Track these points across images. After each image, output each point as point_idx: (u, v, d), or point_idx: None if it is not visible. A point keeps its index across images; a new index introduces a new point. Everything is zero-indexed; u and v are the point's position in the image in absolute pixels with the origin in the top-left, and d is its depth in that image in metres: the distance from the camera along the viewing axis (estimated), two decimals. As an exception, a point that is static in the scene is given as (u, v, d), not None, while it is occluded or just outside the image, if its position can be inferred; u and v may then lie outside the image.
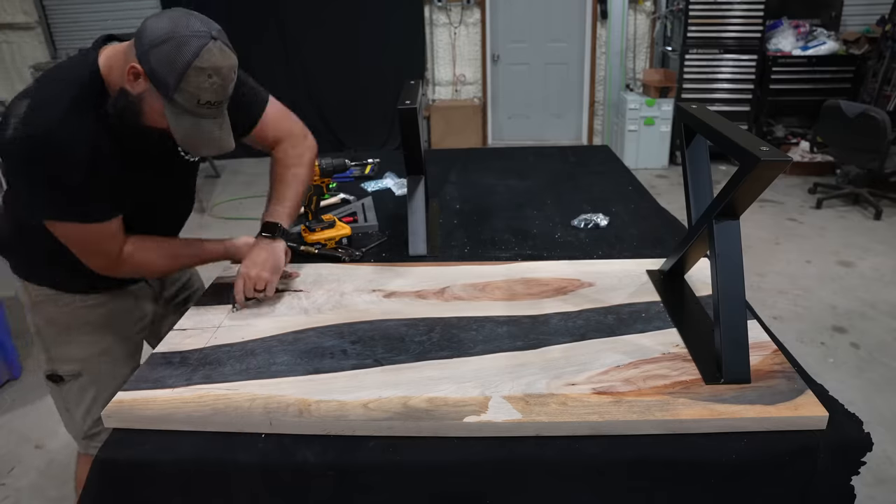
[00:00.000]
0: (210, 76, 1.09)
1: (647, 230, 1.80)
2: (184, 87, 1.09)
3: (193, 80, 1.08)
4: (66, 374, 1.45)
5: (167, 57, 1.06)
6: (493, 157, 2.69)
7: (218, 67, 1.10)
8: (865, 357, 2.82)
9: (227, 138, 1.21)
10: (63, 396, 1.47)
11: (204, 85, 1.09)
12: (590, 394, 1.06)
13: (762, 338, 1.21)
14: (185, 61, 1.06)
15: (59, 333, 1.43)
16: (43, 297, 1.41)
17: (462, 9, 6.14)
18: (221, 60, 1.10)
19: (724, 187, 1.08)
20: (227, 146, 1.22)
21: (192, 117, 1.13)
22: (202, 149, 1.20)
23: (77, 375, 1.45)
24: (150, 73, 1.08)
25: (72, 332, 1.43)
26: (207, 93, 1.11)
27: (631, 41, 6.11)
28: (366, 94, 6.27)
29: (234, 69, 1.15)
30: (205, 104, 1.12)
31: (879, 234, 4.19)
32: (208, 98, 1.11)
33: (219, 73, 1.10)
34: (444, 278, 1.48)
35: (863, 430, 1.00)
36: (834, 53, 5.39)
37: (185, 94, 1.09)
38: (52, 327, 1.42)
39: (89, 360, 1.45)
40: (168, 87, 1.08)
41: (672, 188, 5.21)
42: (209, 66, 1.08)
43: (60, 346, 1.44)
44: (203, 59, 1.07)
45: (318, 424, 1.02)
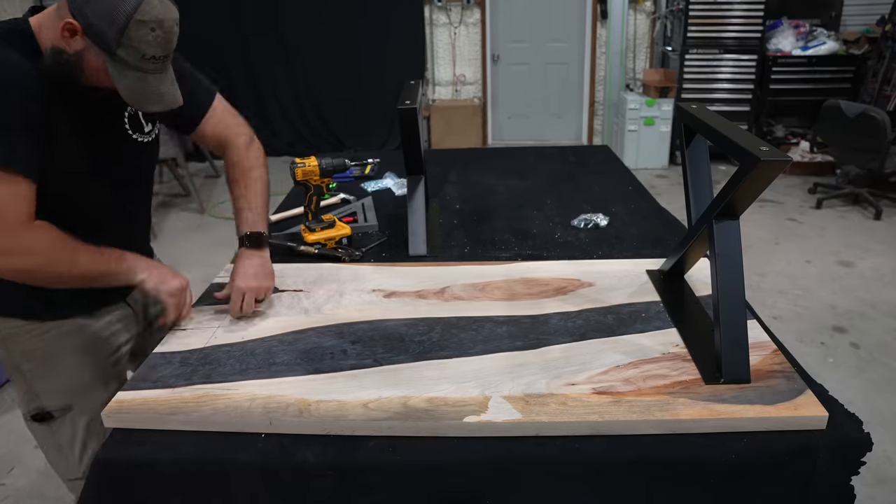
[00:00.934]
0: (153, 29, 1.05)
1: (647, 230, 1.80)
2: (126, 42, 1.03)
3: (136, 34, 1.03)
4: (55, 409, 1.33)
5: (105, 10, 1.01)
6: (493, 157, 2.69)
7: (160, 20, 1.05)
8: (865, 357, 2.82)
9: (174, 93, 1.16)
10: (54, 436, 1.35)
11: (147, 38, 1.04)
12: (590, 394, 1.06)
13: (762, 338, 1.21)
14: (126, 14, 1.02)
15: (39, 366, 1.30)
16: (14, 331, 1.26)
17: (462, 9, 6.14)
18: (163, 13, 1.06)
19: (724, 187, 1.08)
20: (174, 101, 1.16)
21: (137, 72, 1.08)
22: (150, 104, 1.14)
23: (67, 409, 1.33)
24: (88, 28, 1.03)
25: (54, 363, 1.30)
26: (151, 47, 1.06)
27: (631, 41, 6.12)
28: (366, 94, 6.27)
29: (176, 22, 1.10)
30: (150, 59, 1.07)
31: (879, 234, 4.19)
32: (153, 52, 1.07)
33: (161, 26, 1.06)
34: (444, 278, 1.48)
35: (863, 430, 1.00)
36: (834, 53, 5.39)
37: (127, 50, 1.04)
38: (30, 361, 1.29)
39: (77, 390, 1.33)
40: (109, 42, 1.03)
41: (672, 188, 5.21)
42: (151, 19, 1.04)
43: (43, 379, 1.31)
44: (143, 12, 1.03)
45: (317, 424, 1.02)
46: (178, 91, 1.17)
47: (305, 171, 1.63)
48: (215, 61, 6.11)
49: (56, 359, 1.30)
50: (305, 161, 1.64)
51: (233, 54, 6.15)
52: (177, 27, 1.10)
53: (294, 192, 2.17)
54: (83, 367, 1.33)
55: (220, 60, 6.12)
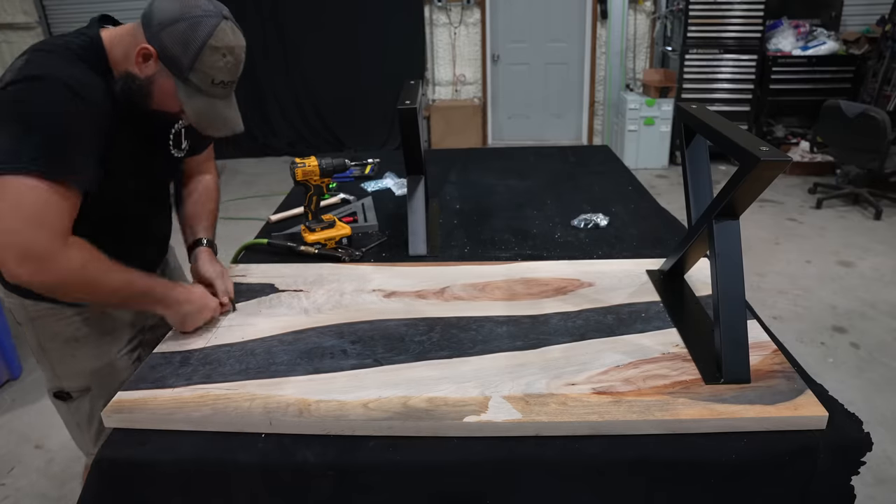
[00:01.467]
0: (224, 55, 1.10)
1: (647, 230, 1.80)
2: (198, 67, 1.09)
3: (208, 60, 1.08)
4: (75, 390, 1.38)
5: (181, 37, 1.06)
6: (493, 157, 2.69)
7: (231, 47, 1.11)
8: (865, 357, 2.82)
9: (237, 119, 1.21)
10: (73, 414, 1.41)
11: (218, 64, 1.10)
12: (590, 394, 1.06)
13: (762, 338, 1.21)
14: (200, 41, 1.06)
15: (63, 348, 1.35)
16: (43, 313, 1.32)
17: (462, 9, 6.14)
18: (234, 40, 1.11)
19: (724, 187, 1.08)
20: (237, 127, 1.21)
21: (206, 97, 1.13)
22: (215, 129, 1.19)
23: (86, 390, 1.38)
24: (162, 52, 1.07)
25: (77, 346, 1.35)
26: (221, 72, 1.11)
27: (631, 41, 6.12)
28: (366, 93, 6.27)
29: (244, 49, 1.15)
30: (218, 84, 1.12)
31: (879, 234, 4.19)
32: (222, 78, 1.12)
33: (232, 53, 1.11)
34: (444, 278, 1.48)
35: (863, 430, 1.00)
36: (834, 53, 5.39)
37: (199, 74, 1.09)
38: (55, 342, 1.34)
39: (97, 374, 1.38)
40: (182, 67, 1.08)
41: (672, 188, 5.21)
42: (223, 46, 1.09)
43: (66, 361, 1.36)
44: (217, 39, 1.08)
45: (318, 424, 1.02)
46: (239, 117, 1.22)
47: (305, 171, 1.63)
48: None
49: (78, 343, 1.35)
50: (305, 161, 1.63)
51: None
52: (244, 54, 1.16)
53: (294, 192, 2.17)
54: (103, 352, 1.38)
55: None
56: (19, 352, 2.87)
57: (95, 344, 1.37)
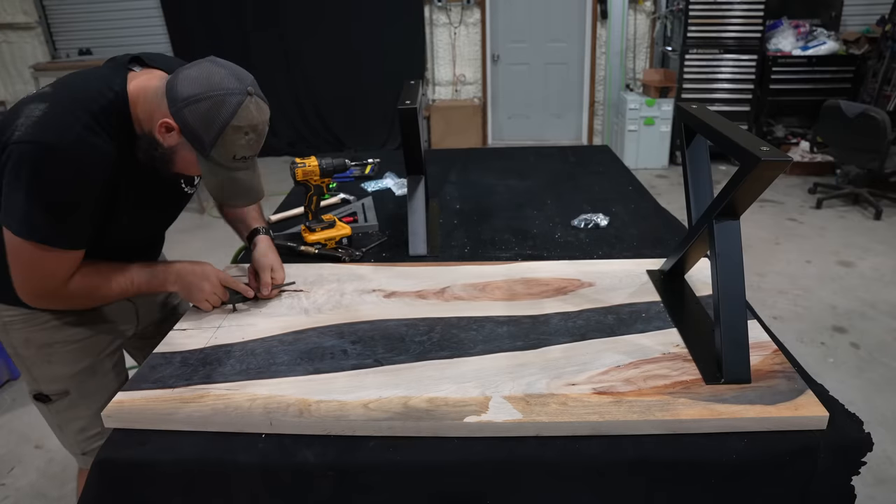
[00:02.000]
0: (247, 133, 1.10)
1: (647, 230, 1.80)
2: (220, 144, 1.09)
3: (230, 138, 1.09)
4: (53, 393, 1.37)
5: (204, 116, 1.06)
6: (493, 157, 2.69)
7: (255, 125, 1.10)
8: (865, 357, 2.82)
9: (258, 187, 1.22)
10: (53, 416, 1.40)
11: (241, 142, 1.10)
12: (590, 394, 1.06)
13: (762, 338, 1.21)
14: (223, 121, 1.06)
15: (38, 353, 1.34)
16: (15, 318, 1.30)
17: (462, 9, 6.14)
18: (258, 117, 1.11)
19: (724, 187, 1.08)
20: (259, 195, 1.23)
21: (227, 171, 1.14)
22: (237, 200, 1.20)
23: (64, 394, 1.37)
24: (185, 129, 1.08)
25: (51, 352, 1.33)
26: (244, 149, 1.12)
27: (631, 41, 6.11)
28: (366, 93, 6.27)
29: (268, 122, 1.14)
30: (240, 159, 1.13)
31: (879, 234, 4.19)
32: (244, 154, 1.13)
33: (255, 130, 1.11)
34: (444, 278, 1.48)
35: (863, 430, 1.00)
36: (834, 53, 5.39)
37: (220, 150, 1.10)
38: (30, 348, 1.33)
39: (74, 378, 1.37)
40: (204, 144, 1.09)
41: (672, 188, 5.21)
42: (247, 125, 1.09)
43: (42, 366, 1.35)
44: (241, 118, 1.08)
45: (318, 424, 1.02)
46: (261, 183, 1.23)
47: (305, 171, 1.63)
48: (215, 61, 6.13)
49: (52, 349, 1.34)
50: (305, 161, 1.63)
51: (233, 54, 6.05)
52: (267, 126, 1.15)
53: (294, 192, 2.17)
54: (80, 356, 1.37)
55: (220, 60, 6.13)
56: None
57: (71, 349, 1.35)
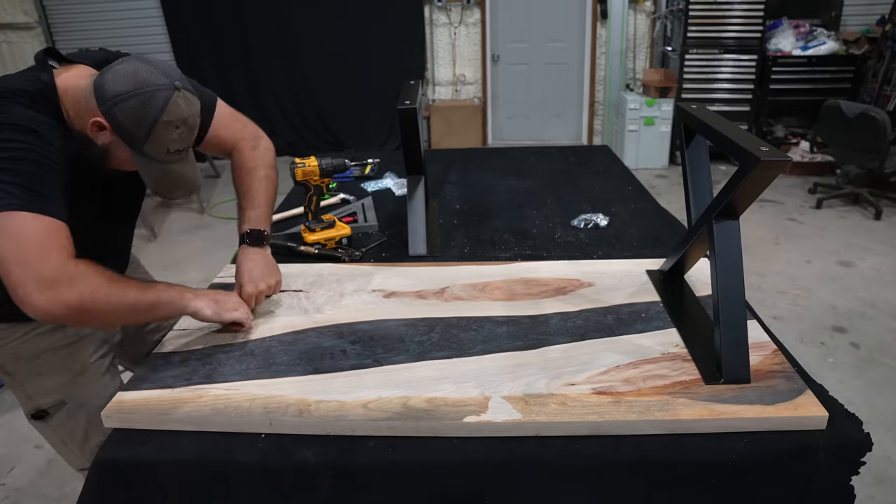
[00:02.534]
0: (178, 127, 1.10)
1: (647, 230, 1.80)
2: (152, 140, 1.09)
3: (162, 133, 1.09)
4: (49, 405, 1.35)
5: (133, 113, 1.06)
6: (492, 157, 2.69)
7: (184, 118, 1.11)
8: (865, 357, 2.82)
9: (195, 176, 1.23)
10: (55, 431, 1.39)
11: (172, 136, 1.10)
12: (589, 394, 1.06)
13: (762, 338, 1.21)
14: (153, 117, 1.07)
15: (28, 367, 1.32)
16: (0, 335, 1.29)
17: (462, 9, 6.14)
18: (187, 110, 1.11)
19: (724, 187, 1.08)
20: (195, 185, 1.23)
21: (162, 164, 1.14)
22: (173, 192, 1.20)
23: (61, 404, 1.36)
24: (117, 127, 1.08)
25: (40, 363, 1.32)
26: (176, 143, 1.12)
27: (631, 41, 6.11)
28: (365, 94, 6.27)
29: (198, 115, 1.15)
30: (173, 152, 1.13)
31: (879, 234, 4.19)
32: (177, 147, 1.13)
33: (185, 123, 1.11)
34: (444, 278, 1.48)
35: (863, 430, 1.00)
36: (834, 53, 5.39)
37: (153, 146, 1.10)
38: (18, 363, 1.32)
39: (67, 386, 1.35)
40: (136, 141, 1.09)
41: (672, 188, 5.21)
42: (176, 119, 1.09)
43: (34, 379, 1.34)
44: (170, 113, 1.08)
45: (317, 424, 1.02)
46: (197, 172, 1.24)
47: (305, 171, 1.63)
48: (215, 61, 6.13)
49: (40, 358, 1.32)
50: (305, 161, 1.64)
51: (233, 54, 6.15)
52: (198, 118, 1.16)
53: (294, 192, 2.17)
54: (67, 363, 1.35)
55: (220, 60, 6.13)
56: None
57: (59, 356, 1.34)
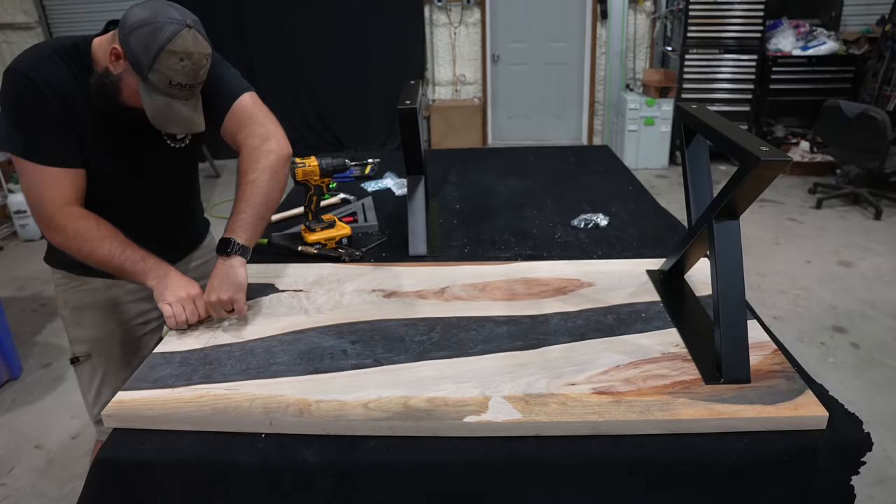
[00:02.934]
0: (182, 59, 1.17)
1: (647, 230, 1.80)
2: (157, 68, 1.17)
3: (166, 62, 1.16)
4: (80, 354, 1.53)
5: (144, 40, 1.15)
6: (492, 157, 2.69)
7: (189, 52, 1.18)
8: (865, 357, 2.82)
9: (197, 119, 1.28)
10: (79, 377, 1.56)
11: (175, 67, 1.17)
12: (589, 394, 1.06)
13: (762, 338, 1.21)
14: (159, 44, 1.15)
15: (72, 315, 1.51)
16: (61, 281, 1.50)
17: (462, 9, 6.14)
18: (193, 46, 1.18)
19: (724, 187, 1.08)
20: (196, 126, 1.28)
21: (165, 97, 1.21)
22: (171, 126, 1.26)
23: (87, 356, 1.52)
24: (128, 54, 1.17)
25: (82, 314, 1.50)
26: (179, 75, 1.18)
27: (631, 41, 6.12)
28: (366, 94, 6.27)
29: (206, 56, 1.23)
30: (176, 85, 1.20)
31: (879, 234, 4.19)
32: (179, 80, 1.19)
33: (190, 58, 1.18)
34: (444, 278, 1.48)
35: (863, 429, 1.00)
36: (834, 53, 5.39)
37: (157, 75, 1.18)
38: (67, 309, 1.50)
39: (97, 342, 1.52)
40: (142, 66, 1.17)
41: (672, 188, 5.21)
42: (181, 51, 1.17)
43: (74, 327, 1.52)
44: (176, 44, 1.16)
45: (318, 424, 1.02)
46: (201, 117, 1.29)
47: (305, 171, 1.63)
48: (215, 61, 6.13)
49: (82, 312, 1.51)
50: (305, 161, 1.64)
51: (232, 54, 6.12)
52: (206, 61, 1.24)
53: (294, 192, 2.17)
54: (103, 322, 1.52)
55: (220, 60, 6.13)
56: (19, 351, 2.88)
57: (97, 314, 1.51)
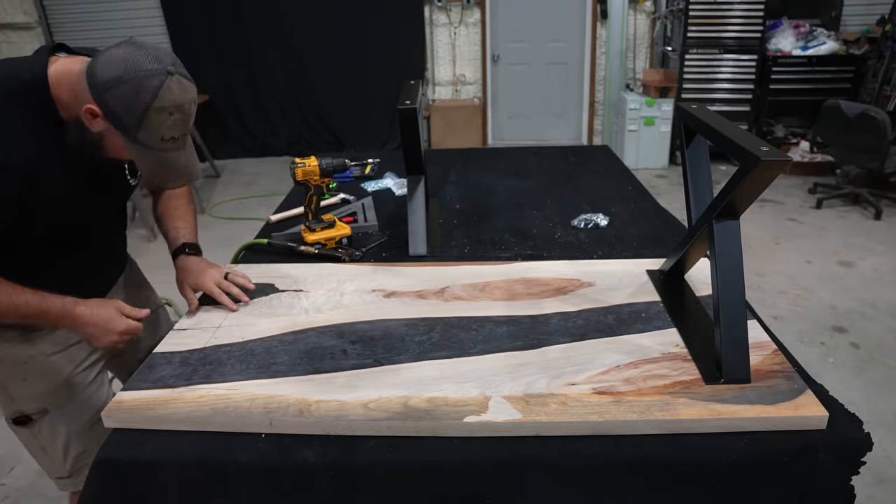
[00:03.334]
0: (171, 114, 1.06)
1: (647, 230, 1.80)
2: (145, 127, 1.06)
3: (155, 120, 1.05)
4: (33, 412, 1.34)
5: (124, 100, 1.03)
6: (492, 157, 2.69)
7: (179, 104, 1.07)
8: (865, 357, 2.82)
9: (193, 165, 1.19)
10: (35, 438, 1.37)
11: (166, 123, 1.07)
12: (590, 394, 1.06)
13: (762, 338, 1.21)
14: (145, 103, 1.03)
15: (12, 371, 1.31)
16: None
17: (462, 9, 6.14)
18: (181, 96, 1.07)
19: (724, 187, 1.08)
20: (195, 173, 1.20)
21: (157, 153, 1.11)
22: (171, 181, 1.19)
23: (44, 412, 1.35)
24: (109, 114, 1.05)
25: (26, 368, 1.31)
26: (170, 130, 1.08)
27: (631, 41, 6.11)
28: (366, 94, 6.27)
29: (194, 101, 1.12)
30: (168, 139, 1.09)
31: (879, 234, 4.19)
32: (172, 134, 1.09)
33: (180, 110, 1.08)
34: (444, 278, 1.48)
35: (863, 429, 1.00)
36: (834, 53, 5.39)
37: (147, 133, 1.07)
38: (4, 366, 1.30)
39: (53, 394, 1.34)
40: (128, 128, 1.06)
41: (672, 188, 5.21)
42: (170, 105, 1.05)
43: (18, 383, 1.32)
44: (163, 99, 1.04)
45: (318, 424, 1.02)
46: (196, 161, 1.21)
47: (305, 171, 1.63)
48: (215, 61, 6.13)
49: (27, 365, 1.31)
50: (305, 161, 1.63)
51: (233, 54, 6.15)
52: (194, 105, 1.12)
53: (294, 192, 2.17)
54: (54, 370, 1.34)
55: (220, 60, 6.13)
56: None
57: (46, 364, 1.33)
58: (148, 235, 4.38)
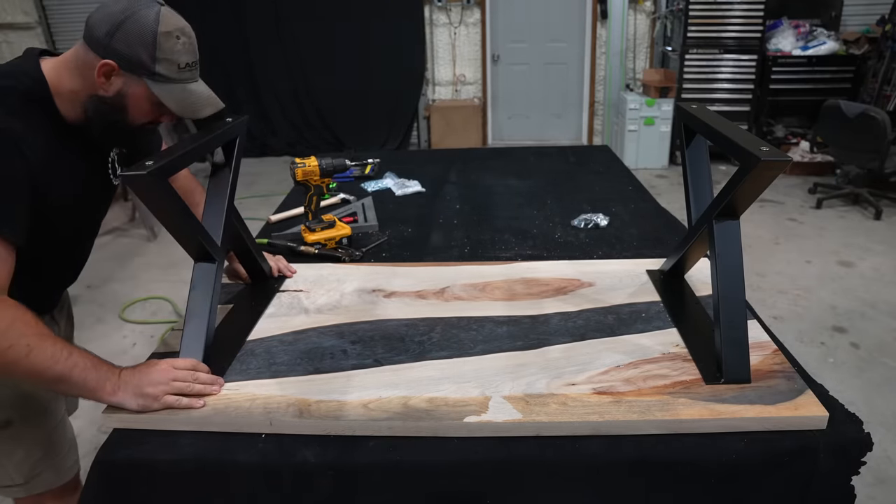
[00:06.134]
0: (178, 37, 1.08)
1: (647, 230, 1.80)
2: (160, 57, 1.06)
3: (166, 46, 1.07)
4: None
5: (131, 36, 1.04)
6: (492, 157, 2.69)
7: (181, 27, 1.09)
8: (865, 357, 2.82)
9: (215, 97, 1.19)
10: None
11: (177, 48, 1.08)
12: (590, 394, 1.06)
13: (762, 338, 1.21)
14: (151, 31, 1.05)
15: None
16: None
17: (462, 9, 6.14)
18: (179, 20, 1.10)
19: (724, 187, 1.08)
20: (219, 103, 1.19)
21: (179, 84, 1.11)
22: (202, 110, 1.16)
23: (7, 424, 1.27)
24: (122, 60, 1.05)
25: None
26: (183, 54, 1.09)
27: (631, 41, 6.12)
28: (366, 94, 6.28)
29: (191, 28, 1.13)
30: (185, 67, 1.10)
31: (879, 234, 4.19)
32: (186, 60, 1.10)
33: (184, 33, 1.10)
34: (444, 278, 1.48)
35: (863, 430, 1.00)
36: (834, 53, 5.39)
37: (164, 64, 1.07)
38: None
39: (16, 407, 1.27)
40: (145, 63, 1.06)
41: (672, 188, 5.21)
42: (174, 28, 1.08)
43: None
44: (166, 23, 1.06)
45: (317, 424, 1.02)
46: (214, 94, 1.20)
47: (305, 171, 1.63)
48: (215, 61, 6.13)
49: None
50: (305, 161, 1.64)
51: (233, 54, 6.15)
52: (193, 32, 1.13)
53: (294, 192, 2.17)
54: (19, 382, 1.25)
55: (220, 60, 6.12)
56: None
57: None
58: (148, 235, 4.37)
